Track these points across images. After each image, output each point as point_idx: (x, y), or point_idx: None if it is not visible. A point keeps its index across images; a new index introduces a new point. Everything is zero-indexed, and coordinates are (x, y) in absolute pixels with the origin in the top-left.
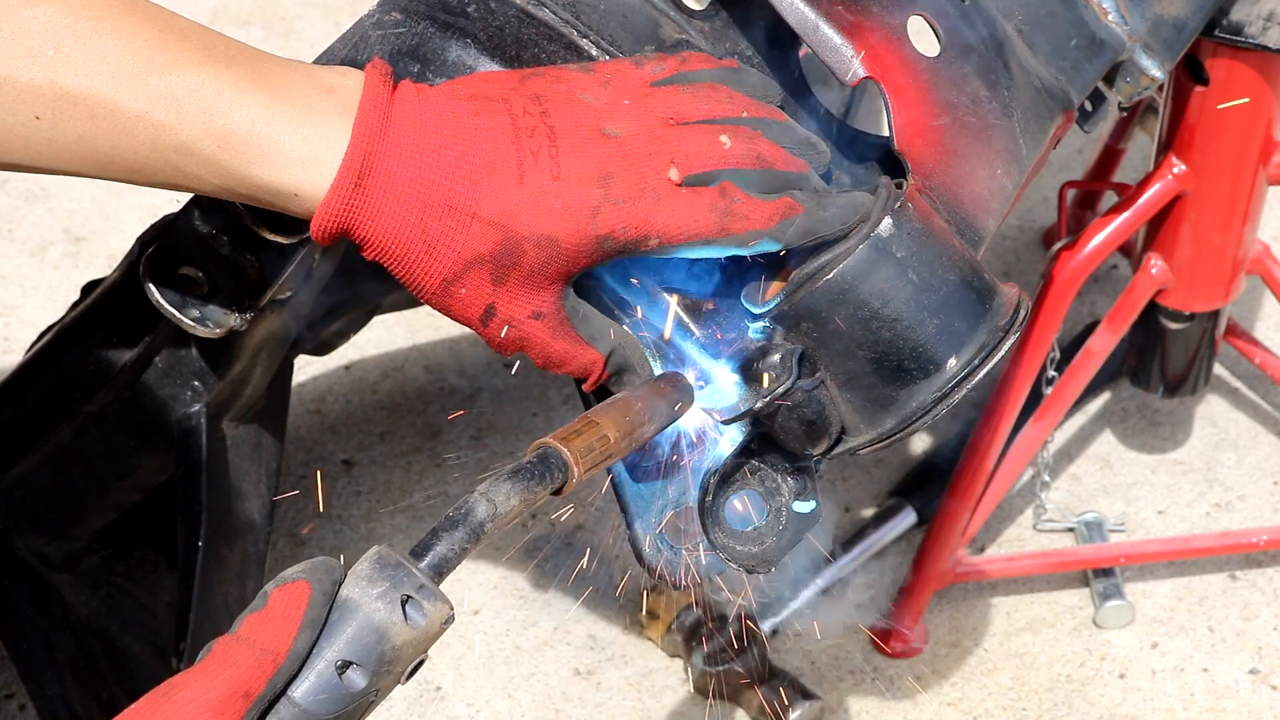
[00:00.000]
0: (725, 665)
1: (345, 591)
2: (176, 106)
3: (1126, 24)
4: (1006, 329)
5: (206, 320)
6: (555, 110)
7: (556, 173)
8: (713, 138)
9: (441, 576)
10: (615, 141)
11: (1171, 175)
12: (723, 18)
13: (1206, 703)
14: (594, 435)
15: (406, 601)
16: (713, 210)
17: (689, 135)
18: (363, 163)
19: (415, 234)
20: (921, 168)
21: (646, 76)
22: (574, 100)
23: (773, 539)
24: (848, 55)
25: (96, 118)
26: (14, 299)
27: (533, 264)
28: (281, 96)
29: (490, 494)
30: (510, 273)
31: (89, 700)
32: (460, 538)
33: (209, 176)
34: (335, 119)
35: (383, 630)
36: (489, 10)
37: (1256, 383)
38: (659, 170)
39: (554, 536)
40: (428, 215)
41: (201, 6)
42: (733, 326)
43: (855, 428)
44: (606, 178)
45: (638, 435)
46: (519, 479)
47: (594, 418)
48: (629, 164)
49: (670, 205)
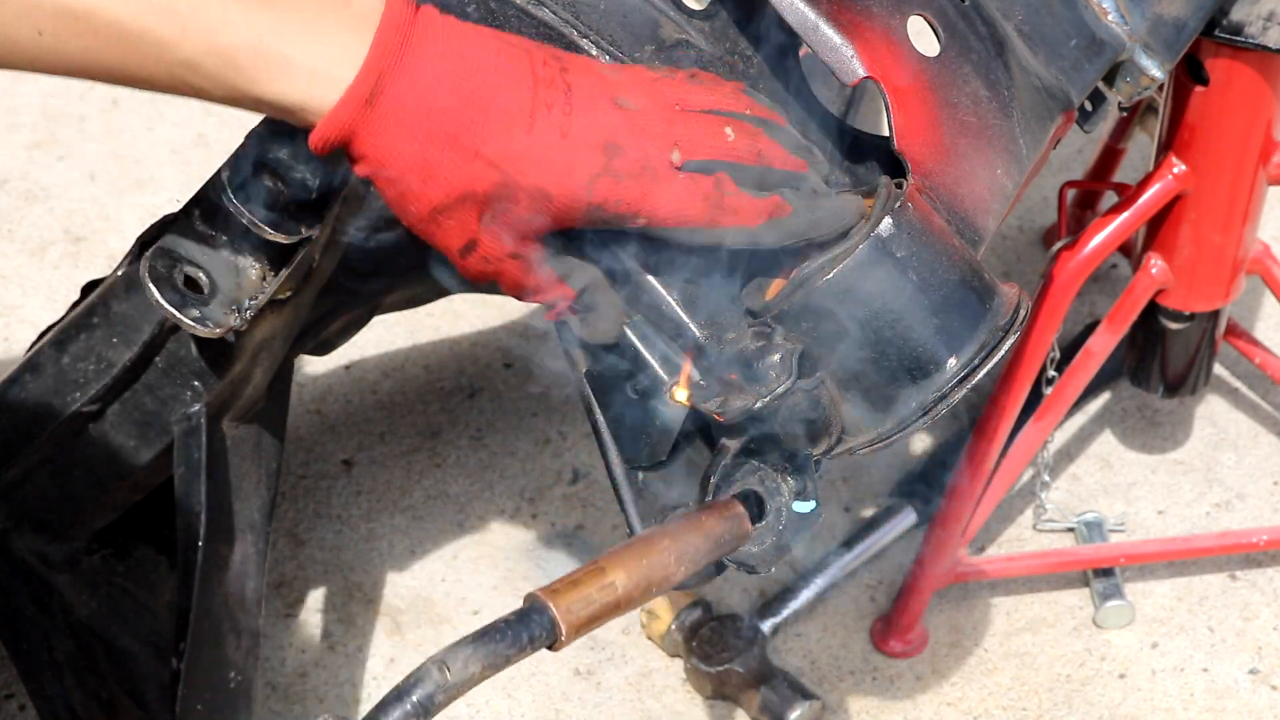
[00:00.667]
0: (725, 665)
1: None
2: (180, 22)
3: (1126, 24)
4: (1006, 329)
5: (206, 320)
6: (574, 70)
7: (566, 130)
8: (717, 128)
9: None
10: (626, 113)
11: (1171, 175)
12: (723, 18)
13: (1206, 703)
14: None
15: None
16: (705, 200)
17: (696, 121)
18: (376, 81)
19: (416, 160)
20: (921, 168)
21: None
22: (592, 68)
23: (772, 538)
24: (848, 55)
25: (99, 33)
26: (14, 299)
27: (522, 212)
28: (292, 10)
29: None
30: (500, 216)
31: (89, 700)
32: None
33: (214, 90)
34: (350, 34)
35: None
36: (489, 10)
37: (1256, 383)
38: (663, 150)
39: (554, 536)
40: (432, 144)
41: None
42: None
43: (855, 427)
44: (612, 148)
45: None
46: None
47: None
48: (636, 138)
49: (666, 187)
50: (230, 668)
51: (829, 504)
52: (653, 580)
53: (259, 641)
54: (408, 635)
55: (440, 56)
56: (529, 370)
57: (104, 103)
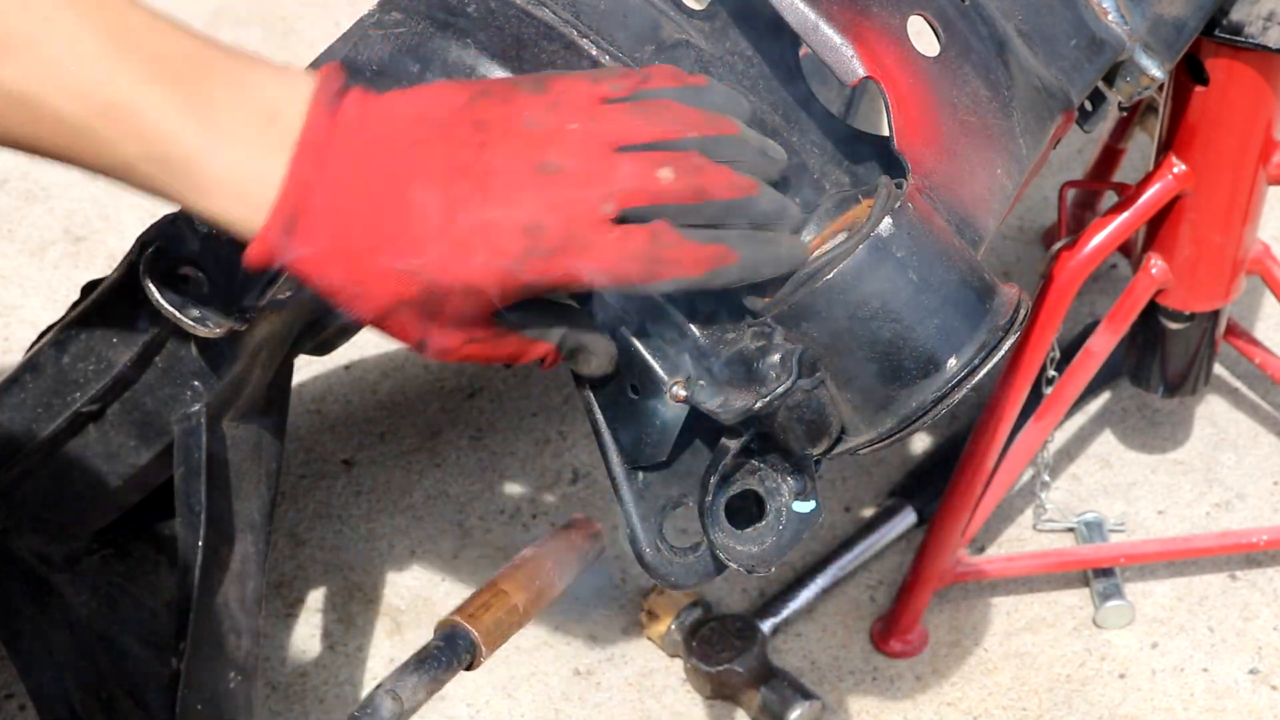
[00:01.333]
0: (725, 665)
1: None
2: (118, 125)
3: (1126, 24)
4: (1006, 329)
5: (206, 320)
6: (494, 142)
7: (483, 221)
8: (653, 170)
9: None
10: (550, 182)
11: (1171, 175)
12: (723, 17)
13: (1206, 703)
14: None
15: None
16: (641, 258)
17: (629, 167)
18: (294, 207)
19: (342, 279)
20: (921, 167)
21: (601, 94)
22: (516, 131)
23: (773, 538)
24: (848, 55)
25: (43, 121)
26: (14, 299)
27: (458, 308)
28: (221, 125)
29: (397, 690)
30: (437, 315)
31: (89, 700)
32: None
33: (153, 192)
34: (270, 157)
35: None
36: (489, 10)
37: (1256, 383)
38: (593, 209)
39: None
40: (354, 262)
41: (202, 6)
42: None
43: (855, 427)
44: (535, 228)
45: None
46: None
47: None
48: (560, 212)
49: (598, 251)
50: (230, 668)
51: (829, 504)
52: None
53: (259, 641)
54: (408, 635)
55: (356, 167)
56: (529, 370)
57: None
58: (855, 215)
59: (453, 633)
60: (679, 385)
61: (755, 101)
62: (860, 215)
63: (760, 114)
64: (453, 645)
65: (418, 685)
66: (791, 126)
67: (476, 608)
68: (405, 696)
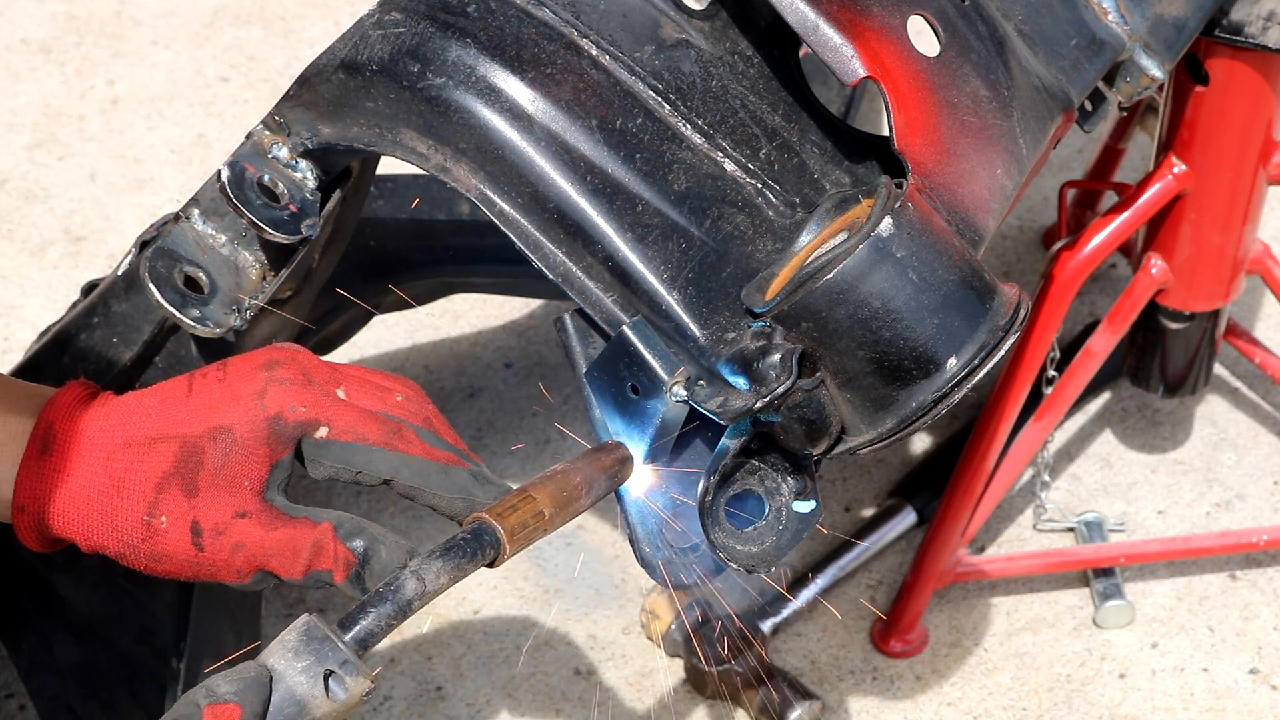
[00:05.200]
0: (725, 665)
1: (271, 661)
2: None
3: (1126, 24)
4: (1006, 329)
5: (206, 320)
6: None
7: (221, 376)
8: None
9: (366, 650)
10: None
11: (1171, 175)
12: (723, 17)
13: (1206, 703)
14: (529, 511)
15: (329, 676)
16: (383, 425)
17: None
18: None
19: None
20: (921, 167)
21: None
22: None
23: (773, 539)
24: (848, 55)
25: None
26: (14, 299)
27: (216, 462)
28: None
29: (421, 571)
30: (198, 477)
31: (89, 700)
32: (387, 613)
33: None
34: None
35: (304, 703)
36: (489, 10)
37: (1256, 383)
38: (327, 382)
39: (554, 536)
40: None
41: (201, 6)
42: (731, 325)
43: (855, 427)
44: (272, 363)
45: (574, 509)
46: (451, 556)
47: (532, 492)
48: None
49: (341, 403)
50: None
51: (829, 504)
52: (570, 508)
53: (259, 641)
54: (408, 635)
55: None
56: (529, 370)
57: (104, 103)
58: (855, 215)
59: (480, 528)
60: (678, 385)
61: (755, 102)
62: (860, 215)
63: (760, 113)
64: (479, 539)
65: (441, 570)
66: (791, 126)
67: (505, 509)
68: (429, 580)
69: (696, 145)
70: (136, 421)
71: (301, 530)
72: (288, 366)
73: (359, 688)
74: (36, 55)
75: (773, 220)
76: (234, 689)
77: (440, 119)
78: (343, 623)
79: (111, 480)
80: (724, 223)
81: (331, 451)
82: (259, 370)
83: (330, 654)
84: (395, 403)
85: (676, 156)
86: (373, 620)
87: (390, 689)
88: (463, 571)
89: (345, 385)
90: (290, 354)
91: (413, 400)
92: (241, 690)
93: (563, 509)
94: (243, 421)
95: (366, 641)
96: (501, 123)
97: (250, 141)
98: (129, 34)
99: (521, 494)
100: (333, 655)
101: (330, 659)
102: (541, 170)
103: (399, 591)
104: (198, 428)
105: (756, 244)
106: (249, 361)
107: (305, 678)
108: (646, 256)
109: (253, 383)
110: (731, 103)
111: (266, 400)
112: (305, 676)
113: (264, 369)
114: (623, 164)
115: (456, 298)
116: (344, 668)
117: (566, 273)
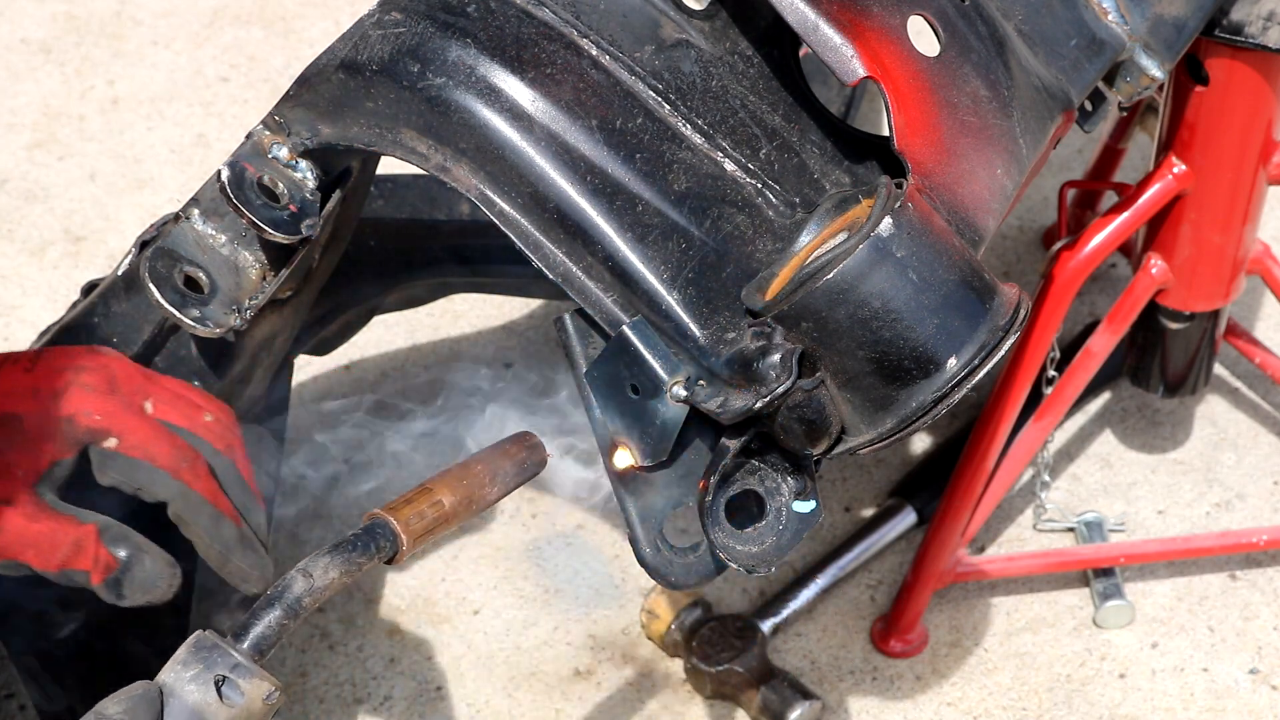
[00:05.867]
0: (725, 665)
1: (163, 677)
2: None
3: (1126, 24)
4: (1006, 329)
5: (206, 320)
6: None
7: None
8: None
9: (263, 654)
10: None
11: (1171, 175)
12: (723, 17)
13: (1206, 703)
14: (426, 502)
15: (222, 682)
16: (176, 450)
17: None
18: None
19: None
20: (921, 167)
21: None
22: None
23: (773, 538)
24: (848, 55)
25: None
26: (14, 299)
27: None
28: None
29: (309, 568)
30: None
31: (89, 702)
32: (277, 615)
33: None
34: None
35: (199, 712)
36: (489, 10)
37: (1256, 383)
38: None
39: (554, 536)
40: None
41: (201, 6)
42: (732, 325)
43: (855, 427)
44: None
45: (479, 499)
46: (340, 552)
47: (429, 484)
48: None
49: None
50: None
51: (829, 504)
52: (473, 498)
53: None
54: (408, 635)
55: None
56: (529, 370)
57: (104, 103)
58: (855, 215)
59: (373, 524)
60: (679, 385)
61: (755, 102)
62: (860, 215)
63: (760, 113)
64: (370, 533)
65: (329, 565)
66: (791, 126)
67: (400, 503)
68: (316, 576)
69: (696, 145)
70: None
71: (64, 527)
72: (96, 372)
73: (257, 691)
74: (36, 55)
75: (773, 220)
76: (122, 708)
77: (440, 119)
78: (235, 632)
79: None
80: (724, 223)
81: (117, 464)
82: (66, 370)
83: (220, 660)
84: (203, 422)
85: (676, 156)
86: (264, 625)
87: (390, 689)
88: (355, 565)
89: (155, 398)
90: (104, 360)
91: (221, 424)
92: (130, 708)
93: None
94: (34, 414)
95: (261, 646)
96: (501, 123)
97: (250, 141)
98: (129, 34)
99: (419, 488)
100: (223, 661)
101: (220, 665)
102: (541, 170)
103: (286, 591)
104: None
105: (756, 244)
106: (61, 358)
107: (196, 686)
108: (646, 256)
109: (56, 380)
110: (731, 103)
111: (63, 400)
112: (195, 685)
113: (71, 370)
114: (623, 164)
115: (456, 298)
116: (236, 671)
117: (566, 273)
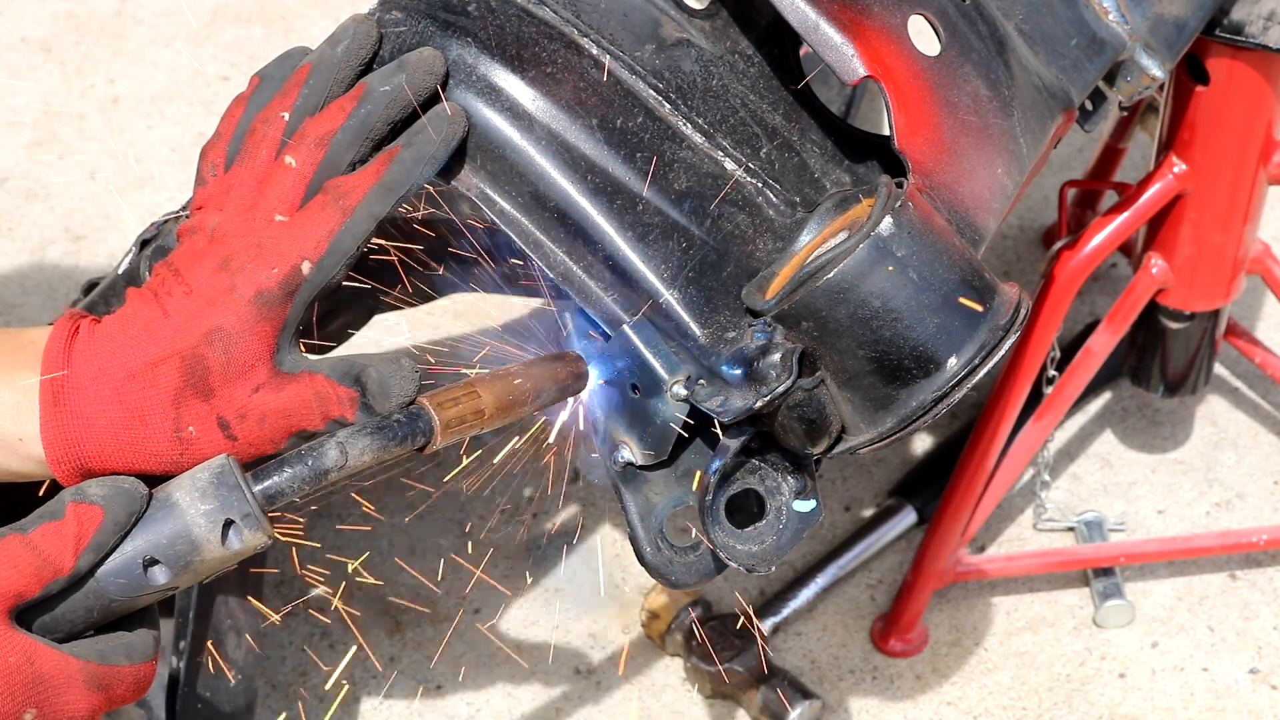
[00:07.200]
0: (725, 665)
1: (177, 495)
2: None
3: (1127, 23)
4: (1006, 328)
5: None
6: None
7: (187, 290)
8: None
9: (272, 505)
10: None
11: (1172, 175)
12: (723, 16)
13: (1206, 702)
14: (470, 407)
15: (229, 525)
16: (331, 212)
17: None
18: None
19: (121, 416)
20: (922, 167)
21: None
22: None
23: (773, 538)
24: (848, 54)
25: None
26: (14, 298)
27: (220, 360)
28: None
29: (347, 445)
30: (209, 380)
31: None
32: (301, 475)
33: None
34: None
35: (197, 544)
36: (489, 9)
37: (1256, 383)
38: (267, 214)
39: (554, 536)
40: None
41: (202, 5)
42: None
43: (855, 427)
44: (225, 260)
45: (516, 412)
46: (380, 435)
47: (477, 387)
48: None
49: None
50: (230, 667)
51: (829, 504)
52: (512, 404)
53: (259, 641)
54: (408, 635)
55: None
56: None
57: (104, 102)
58: (856, 214)
59: (417, 412)
60: (679, 385)
61: (755, 101)
62: (861, 214)
63: (760, 113)
64: (413, 423)
65: (367, 448)
66: (791, 126)
67: (446, 399)
68: (351, 454)
69: (697, 144)
70: (129, 353)
71: (303, 382)
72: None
73: (254, 541)
74: (37, 54)
75: (773, 219)
76: (103, 493)
77: None
78: (258, 472)
79: (131, 412)
80: (724, 222)
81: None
82: (219, 273)
83: (236, 503)
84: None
85: (677, 156)
86: (286, 478)
87: (390, 689)
88: (389, 453)
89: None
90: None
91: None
92: (109, 496)
93: (504, 410)
94: (228, 316)
95: (274, 497)
96: (502, 122)
97: None
98: (129, 33)
99: (467, 387)
100: (238, 505)
101: (234, 508)
102: (542, 169)
103: (320, 458)
104: (191, 339)
105: (757, 243)
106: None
107: (205, 520)
108: (647, 256)
109: (219, 283)
110: (732, 102)
111: (239, 286)
112: (205, 520)
113: (222, 268)
114: (623, 163)
115: (456, 297)
116: (245, 520)
117: (567, 272)
